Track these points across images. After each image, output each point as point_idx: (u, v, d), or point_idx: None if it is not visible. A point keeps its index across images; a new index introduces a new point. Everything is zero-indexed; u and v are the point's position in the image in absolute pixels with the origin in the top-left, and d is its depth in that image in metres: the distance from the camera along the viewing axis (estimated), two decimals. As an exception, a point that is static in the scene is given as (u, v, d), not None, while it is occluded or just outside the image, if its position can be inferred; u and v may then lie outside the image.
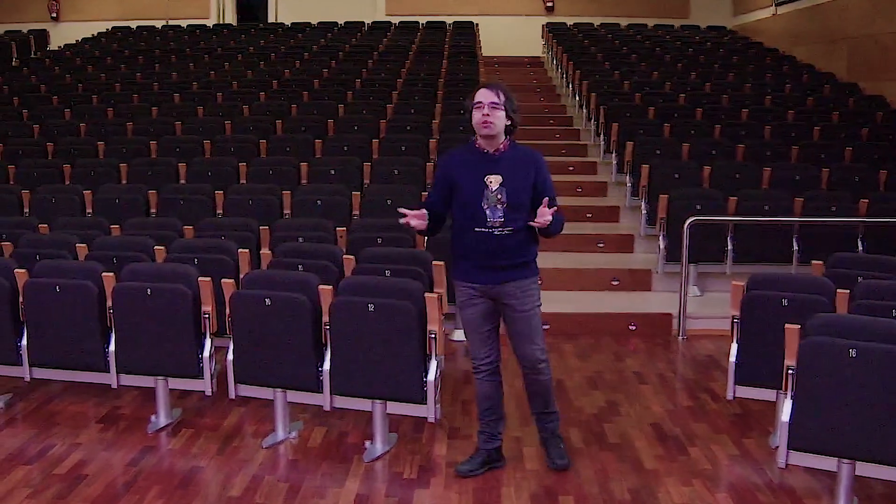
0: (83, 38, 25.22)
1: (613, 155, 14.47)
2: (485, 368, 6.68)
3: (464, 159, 6.54)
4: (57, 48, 25.04)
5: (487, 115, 6.31)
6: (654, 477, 6.60)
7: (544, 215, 6.26)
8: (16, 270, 7.86)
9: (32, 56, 24.67)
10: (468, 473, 6.63)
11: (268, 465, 6.89)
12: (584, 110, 17.44)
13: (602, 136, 15.46)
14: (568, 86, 19.99)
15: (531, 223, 6.35)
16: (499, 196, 6.31)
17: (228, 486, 6.50)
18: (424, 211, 6.40)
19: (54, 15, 28.37)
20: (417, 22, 24.99)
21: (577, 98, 18.45)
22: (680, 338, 10.24)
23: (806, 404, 5.93)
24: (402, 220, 6.33)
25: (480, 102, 6.36)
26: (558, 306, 10.57)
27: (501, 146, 6.45)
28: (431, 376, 6.72)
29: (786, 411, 6.06)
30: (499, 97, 6.36)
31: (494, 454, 6.79)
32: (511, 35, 25.19)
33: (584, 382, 8.71)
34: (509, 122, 6.43)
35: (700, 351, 9.80)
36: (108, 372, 7.66)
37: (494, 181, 6.32)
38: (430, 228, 6.51)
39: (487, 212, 6.31)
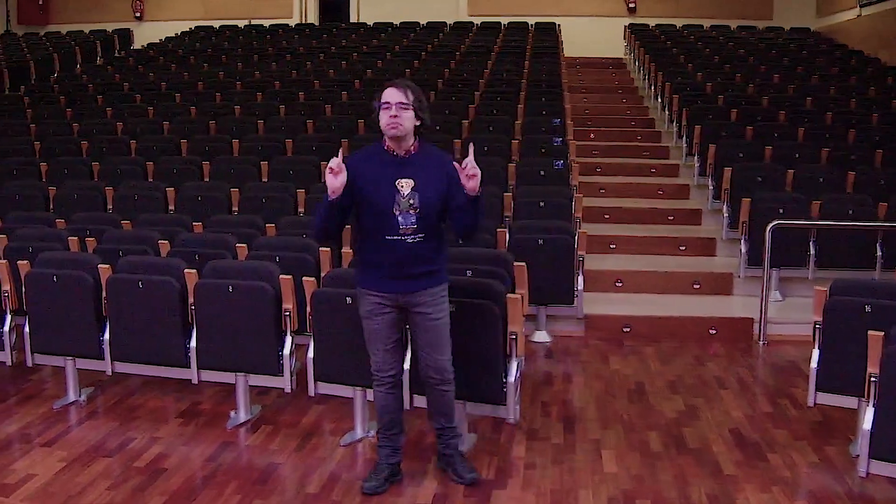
0: (166, 38, 25.48)
1: (695, 157, 14.36)
2: (388, 381, 6.40)
3: (371, 162, 6.20)
4: (140, 47, 25.32)
5: (395, 115, 6.02)
6: (732, 483, 6.54)
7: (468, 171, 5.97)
8: (99, 266, 7.95)
9: (116, 55, 25.01)
10: (375, 490, 6.37)
11: (345, 463, 6.91)
12: (667, 112, 17.34)
13: (684, 138, 15.35)
14: (650, 87, 19.88)
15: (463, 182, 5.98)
16: (411, 201, 6.04)
17: (306, 483, 6.54)
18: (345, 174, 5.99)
19: (138, 14, 28.69)
20: (499, 22, 24.94)
21: (660, 100, 18.34)
22: (761, 343, 10.13)
23: (888, 413, 5.87)
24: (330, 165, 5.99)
25: (388, 103, 6.05)
26: (639, 309, 10.56)
27: (412, 148, 6.19)
28: (512, 377, 6.72)
29: (867, 419, 6.02)
30: (407, 97, 6.06)
31: (397, 468, 6.57)
32: (593, 36, 25.06)
33: (664, 386, 8.66)
34: (419, 123, 6.15)
35: (781, 356, 9.70)
36: (189, 367, 7.74)
37: (406, 185, 6.06)
38: (332, 226, 6.20)
39: (399, 218, 6.04)
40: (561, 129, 14.08)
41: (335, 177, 5.96)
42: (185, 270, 7.67)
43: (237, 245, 8.93)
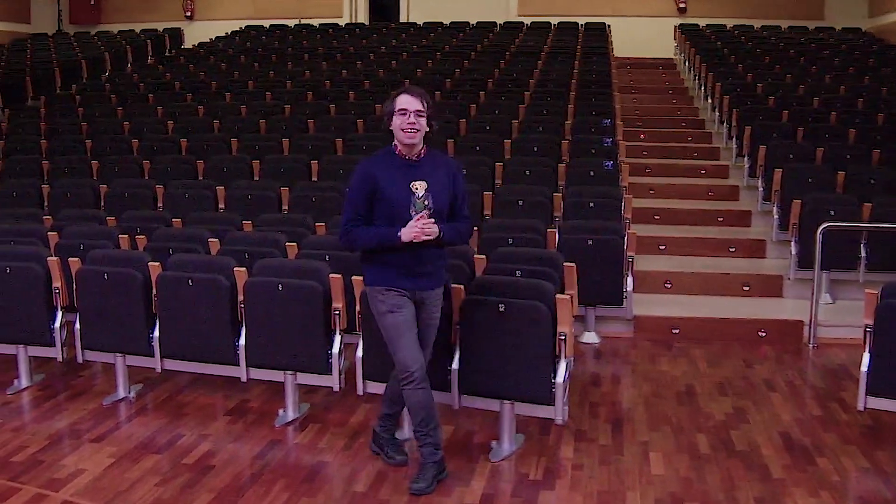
0: (217, 37, 25.61)
1: (746, 159, 14.29)
2: (419, 375, 6.34)
3: (386, 166, 6.34)
4: (191, 46, 25.48)
5: (413, 122, 6.23)
6: (780, 486, 6.49)
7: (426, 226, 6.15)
8: (149, 263, 8.00)
9: (167, 54, 25.18)
10: (423, 491, 6.36)
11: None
12: (717, 113, 17.25)
13: (734, 139, 15.29)
14: (700, 88, 19.80)
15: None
16: (426, 202, 6.24)
17: (354, 482, 6.55)
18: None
19: (189, 14, 28.83)
20: (549, 22, 24.89)
21: (710, 100, 18.25)
22: (810, 346, 10.05)
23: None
24: (424, 232, 6.16)
25: (405, 110, 6.25)
26: (688, 310, 10.52)
27: (421, 152, 6.39)
28: (560, 378, 6.69)
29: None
30: (423, 105, 6.28)
31: (442, 465, 6.55)
32: (643, 36, 24.96)
33: (712, 388, 8.61)
34: (428, 129, 6.36)
35: (831, 360, 9.63)
36: (238, 365, 7.78)
37: (420, 187, 6.26)
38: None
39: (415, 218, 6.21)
40: (611, 130, 14.04)
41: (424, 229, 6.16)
42: (235, 269, 7.70)
43: (287, 244, 8.96)
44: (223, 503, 6.22)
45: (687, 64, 22.33)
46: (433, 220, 6.19)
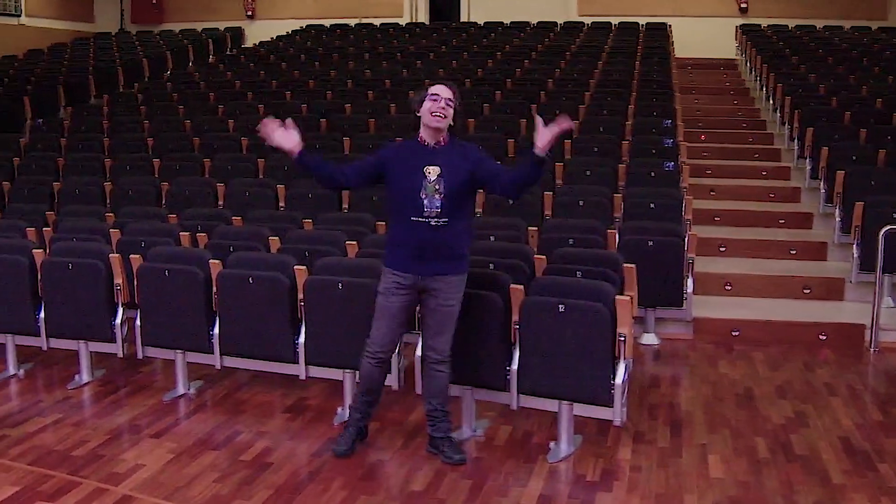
0: (277, 36, 25.76)
1: (807, 160, 14.17)
2: (380, 356, 6.79)
3: (404, 150, 6.75)
4: (252, 45, 25.65)
5: (443, 108, 6.52)
6: (840, 492, 6.42)
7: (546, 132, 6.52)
8: (210, 261, 8.04)
9: (228, 53, 25.31)
10: (345, 454, 6.91)
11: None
12: (778, 114, 17.12)
13: (796, 140, 15.17)
14: (762, 89, 19.66)
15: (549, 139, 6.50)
16: (437, 186, 6.49)
17: (411, 481, 6.55)
18: (297, 137, 6.79)
19: (250, 13, 29.01)
20: (609, 22, 24.83)
21: (771, 101, 18.12)
22: (872, 349, 9.95)
23: None
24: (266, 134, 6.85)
25: (437, 95, 6.55)
26: (748, 313, 10.46)
27: (442, 140, 6.64)
28: (619, 379, 6.66)
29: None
30: (454, 96, 6.59)
31: (365, 430, 7.14)
32: (704, 36, 24.80)
33: (772, 391, 8.54)
34: (452, 123, 6.64)
35: (892, 364, 9.54)
36: (297, 363, 7.80)
37: (433, 171, 6.51)
38: (315, 162, 6.87)
39: (425, 201, 6.48)
40: (671, 131, 13.98)
41: (284, 137, 6.83)
42: (295, 267, 7.72)
43: (347, 242, 8.98)
44: (281, 500, 6.24)
45: (748, 64, 22.19)
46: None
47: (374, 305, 6.85)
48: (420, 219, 6.49)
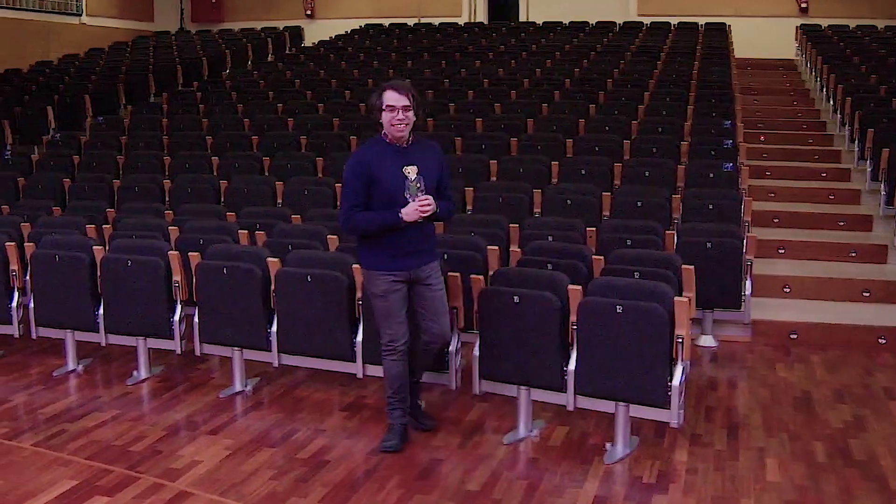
0: (337, 35, 25.78)
1: (868, 162, 14.06)
2: (402, 349, 6.97)
3: (378, 154, 6.82)
4: (311, 44, 25.69)
5: (402, 119, 6.71)
6: (899, 498, 6.39)
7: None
8: (268, 259, 8.08)
9: (287, 52, 25.36)
10: (396, 448, 7.02)
11: (508, 461, 6.91)
12: (839, 115, 16.97)
13: (856, 142, 15.04)
14: (822, 90, 19.48)
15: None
16: (418, 184, 6.73)
17: (467, 480, 6.55)
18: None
19: (309, 13, 29.14)
20: (669, 23, 24.70)
21: (832, 102, 17.96)
22: (932, 354, 9.88)
23: None
24: (426, 211, 6.71)
25: (393, 106, 6.69)
26: (807, 316, 10.37)
27: (410, 138, 6.88)
28: (676, 381, 6.64)
29: None
30: (410, 99, 6.73)
31: (407, 427, 7.22)
32: (764, 37, 24.63)
33: (830, 395, 8.47)
34: (415, 119, 6.85)
35: (954, 368, 9.46)
36: (355, 361, 7.83)
37: (412, 171, 6.74)
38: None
39: (410, 200, 6.69)
40: (731, 132, 13.89)
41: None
42: (353, 266, 7.73)
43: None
44: (337, 498, 6.27)
45: (808, 65, 22.02)
46: (429, 198, 6.72)
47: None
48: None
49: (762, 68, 22.93)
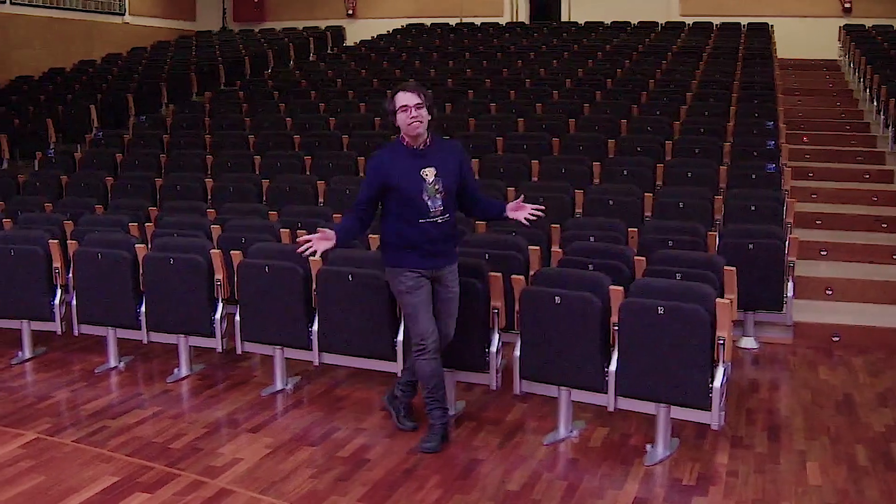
0: (378, 35, 25.82)
1: (912, 164, 13.99)
2: (433, 346, 7.00)
3: (396, 158, 6.99)
4: (353, 44, 25.75)
5: (416, 116, 6.84)
6: (942, 503, 6.33)
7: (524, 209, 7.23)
8: (310, 258, 8.08)
9: (329, 51, 25.41)
10: (435, 449, 7.06)
11: (547, 462, 6.91)
12: (882, 116, 16.86)
13: (901, 144, 14.97)
14: (865, 90, 19.36)
15: (522, 219, 7.24)
16: (437, 186, 6.87)
17: (507, 481, 6.55)
18: (330, 231, 6.88)
19: (351, 12, 29.20)
20: (711, 23, 24.61)
21: (875, 103, 17.85)
22: (977, 357, 9.80)
23: None
24: (301, 249, 6.84)
25: (406, 106, 6.84)
26: (849, 318, 10.31)
27: (426, 140, 7.00)
28: (718, 383, 6.62)
29: None
30: (421, 98, 6.87)
31: (448, 426, 7.28)
32: (806, 37, 24.48)
33: (873, 398, 8.41)
34: (430, 118, 6.95)
35: None
36: (396, 361, 7.83)
37: (430, 173, 6.87)
38: (347, 236, 7.12)
39: (429, 203, 6.85)
40: (773, 132, 13.83)
41: (324, 242, 6.87)
42: (394, 266, 7.75)
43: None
44: (376, 497, 6.29)
45: (851, 65, 21.87)
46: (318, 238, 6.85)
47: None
48: (427, 220, 6.87)
49: (805, 69, 22.78)
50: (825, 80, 21.82)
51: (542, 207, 7.33)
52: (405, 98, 6.85)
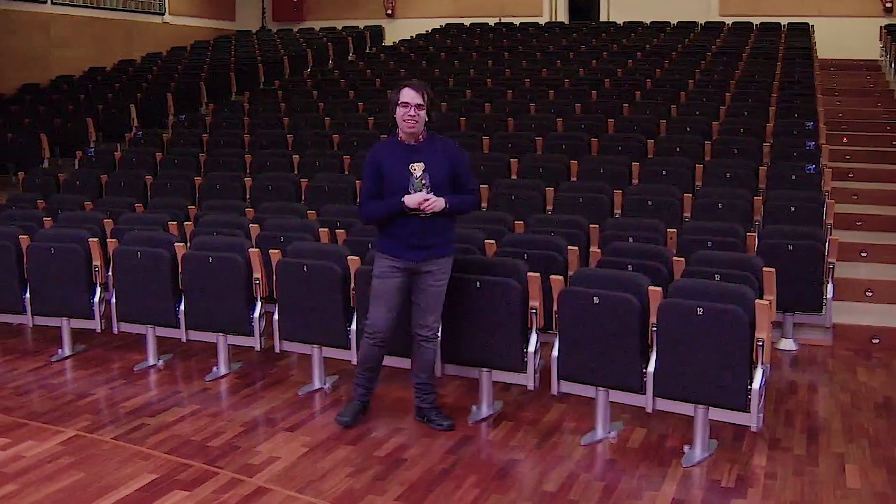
0: (417, 34, 25.85)
1: (952, 165, 13.87)
2: (379, 336, 7.36)
3: (390, 150, 7.31)
4: (391, 44, 25.79)
5: (413, 115, 7.10)
6: None
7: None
8: (348, 257, 8.10)
9: (367, 51, 25.45)
10: (349, 424, 7.51)
11: (585, 462, 6.88)
12: (924, 117, 16.80)
13: (941, 145, 14.86)
14: (906, 91, 19.31)
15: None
16: (423, 181, 7.09)
17: (544, 481, 6.54)
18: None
19: (390, 12, 29.27)
20: (751, 23, 24.51)
21: (917, 104, 17.78)
22: None
23: None
24: (426, 206, 7.06)
25: (407, 103, 7.11)
26: (890, 320, 10.22)
27: (420, 137, 7.24)
28: (756, 384, 6.59)
29: None
30: (423, 99, 7.13)
31: (367, 405, 7.74)
32: (847, 37, 24.35)
33: (914, 400, 8.39)
34: (428, 119, 7.22)
35: None
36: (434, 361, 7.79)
37: (418, 168, 7.11)
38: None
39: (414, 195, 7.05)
40: (813, 133, 13.76)
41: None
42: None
43: (486, 241, 8.96)
44: (413, 496, 6.28)
45: (893, 65, 21.75)
46: (432, 196, 7.09)
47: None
48: (412, 211, 7.06)
49: (845, 69, 22.64)
50: (866, 81, 21.70)
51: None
52: (408, 95, 7.11)
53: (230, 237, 9.27)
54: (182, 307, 8.78)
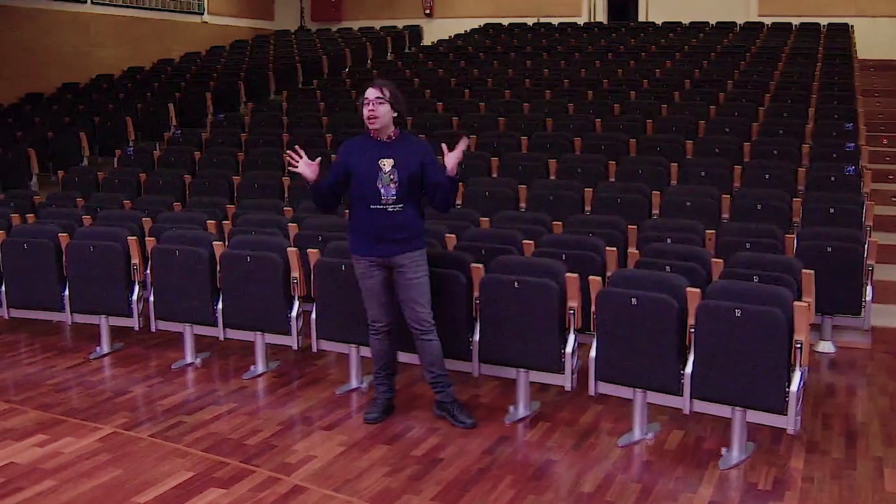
0: (456, 34, 25.88)
1: None
2: (383, 330, 7.60)
3: (361, 146, 7.50)
4: (430, 43, 25.81)
5: (372, 110, 7.28)
6: None
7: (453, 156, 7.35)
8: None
9: (406, 51, 25.49)
10: (376, 420, 7.63)
11: (621, 464, 6.87)
12: (963, 119, 16.67)
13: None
14: (947, 92, 19.17)
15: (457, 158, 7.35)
16: (391, 176, 7.27)
17: (581, 482, 6.53)
18: (318, 160, 7.53)
19: (428, 12, 29.32)
20: (790, 23, 24.41)
21: (955, 106, 17.66)
22: None
23: None
24: (291, 161, 7.50)
25: (367, 99, 7.32)
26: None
27: (392, 134, 7.43)
28: (794, 387, 6.56)
29: None
30: (382, 93, 7.31)
31: (392, 403, 7.84)
32: (887, 37, 24.23)
33: (937, 403, 8.34)
34: (396, 114, 7.40)
35: None
36: (471, 361, 7.83)
37: (387, 164, 7.29)
38: (325, 201, 7.66)
39: (381, 190, 7.26)
40: (853, 134, 13.69)
41: (308, 168, 7.45)
42: (472, 265, 7.77)
43: (524, 241, 8.96)
44: (450, 496, 6.28)
45: (934, 67, 21.64)
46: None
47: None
48: (378, 206, 7.27)
49: (885, 69, 22.51)
50: (906, 82, 21.58)
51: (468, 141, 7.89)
52: (367, 92, 7.35)
53: (268, 236, 9.29)
54: (220, 306, 8.82)
